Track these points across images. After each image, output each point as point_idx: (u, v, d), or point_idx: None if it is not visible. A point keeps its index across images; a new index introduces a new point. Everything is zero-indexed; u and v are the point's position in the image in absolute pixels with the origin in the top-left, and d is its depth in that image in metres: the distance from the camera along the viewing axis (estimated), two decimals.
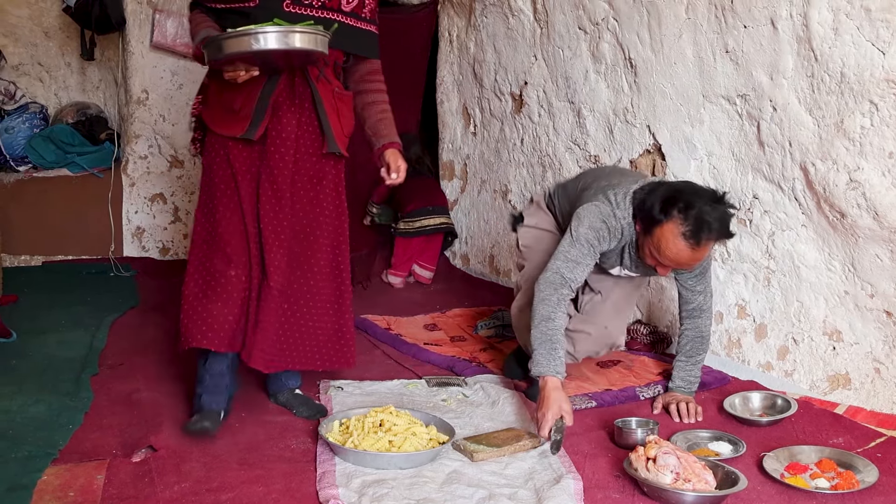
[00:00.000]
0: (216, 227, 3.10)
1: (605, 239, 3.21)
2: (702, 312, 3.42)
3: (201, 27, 2.97)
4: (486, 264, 5.92)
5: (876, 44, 3.06)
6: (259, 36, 2.71)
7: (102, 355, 4.00)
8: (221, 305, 3.04)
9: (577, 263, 3.21)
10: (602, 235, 3.19)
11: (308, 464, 2.86)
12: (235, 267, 3.07)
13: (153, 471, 2.77)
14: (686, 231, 2.95)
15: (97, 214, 6.15)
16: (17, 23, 6.62)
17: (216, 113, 3.11)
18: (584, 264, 3.22)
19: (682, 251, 2.99)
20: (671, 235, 2.98)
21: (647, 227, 3.08)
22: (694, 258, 3.04)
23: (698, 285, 3.38)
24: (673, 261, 3.05)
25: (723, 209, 3.00)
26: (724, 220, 3.00)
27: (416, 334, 4.53)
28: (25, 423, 3.18)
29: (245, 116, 3.02)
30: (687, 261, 3.04)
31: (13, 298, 4.95)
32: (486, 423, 3.24)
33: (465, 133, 6.14)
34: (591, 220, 3.19)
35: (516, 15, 5.24)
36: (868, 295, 3.32)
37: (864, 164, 3.17)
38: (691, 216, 2.95)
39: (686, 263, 3.08)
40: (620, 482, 2.74)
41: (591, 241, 3.19)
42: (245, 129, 3.02)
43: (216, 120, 3.11)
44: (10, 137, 6.17)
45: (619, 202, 3.20)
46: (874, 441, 3.03)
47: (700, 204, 2.96)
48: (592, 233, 3.18)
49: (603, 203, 3.20)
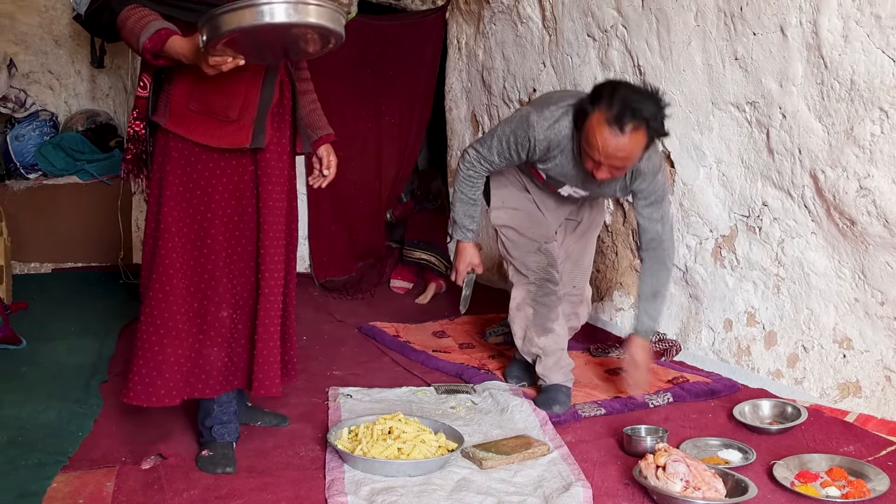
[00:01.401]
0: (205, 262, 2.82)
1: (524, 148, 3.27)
2: (660, 243, 3.41)
3: (149, 19, 2.61)
4: (495, 271, 5.91)
5: (886, 51, 3.05)
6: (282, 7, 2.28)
7: (112, 362, 4.01)
8: (218, 350, 2.86)
9: (490, 151, 3.39)
10: (523, 143, 3.26)
11: (317, 471, 2.86)
12: (228, 308, 2.86)
13: (162, 478, 2.77)
14: (610, 116, 2.92)
15: (106, 222, 6.16)
16: (28, 31, 6.66)
17: (199, 126, 2.74)
18: (503, 157, 3.38)
19: (608, 139, 2.95)
20: (597, 124, 2.96)
21: (579, 124, 3.09)
22: (620, 147, 2.96)
23: (655, 213, 3.36)
24: (601, 152, 2.98)
25: (653, 102, 2.97)
26: (652, 111, 2.96)
27: (425, 341, 4.53)
28: (35, 430, 3.19)
29: (245, 125, 2.74)
30: (614, 150, 2.97)
31: (23, 305, 4.97)
32: (494, 431, 3.23)
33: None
34: (517, 126, 3.27)
35: (525, 22, 5.25)
36: (878, 302, 3.31)
37: (874, 172, 3.16)
38: (616, 101, 2.93)
39: (614, 155, 2.98)
40: (630, 490, 2.73)
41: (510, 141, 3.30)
42: (249, 137, 2.73)
43: (203, 132, 2.74)
44: (20, 145, 6.20)
45: (557, 116, 3.21)
46: (885, 449, 3.01)
47: (627, 92, 2.97)
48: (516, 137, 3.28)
49: (535, 113, 3.24)
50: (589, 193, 3.46)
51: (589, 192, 3.44)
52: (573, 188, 3.42)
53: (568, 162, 3.27)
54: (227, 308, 2.87)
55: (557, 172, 3.34)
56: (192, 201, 2.79)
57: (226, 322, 2.87)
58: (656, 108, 2.97)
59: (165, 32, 2.58)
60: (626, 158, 3.02)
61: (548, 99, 3.34)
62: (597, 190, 3.40)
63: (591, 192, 3.45)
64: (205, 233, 2.80)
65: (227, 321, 2.87)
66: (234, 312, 2.89)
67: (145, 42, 2.58)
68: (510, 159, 3.37)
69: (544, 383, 3.57)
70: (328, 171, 3.12)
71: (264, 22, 2.28)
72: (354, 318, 5.04)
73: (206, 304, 2.84)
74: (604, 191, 3.42)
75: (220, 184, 2.80)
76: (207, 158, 2.77)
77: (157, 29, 2.58)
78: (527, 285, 3.60)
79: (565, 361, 3.59)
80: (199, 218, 2.80)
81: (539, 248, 3.59)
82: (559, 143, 3.22)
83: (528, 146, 3.25)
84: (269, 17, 2.28)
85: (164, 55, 2.60)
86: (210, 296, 2.83)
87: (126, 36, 2.69)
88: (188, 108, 2.74)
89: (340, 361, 4.15)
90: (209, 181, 2.78)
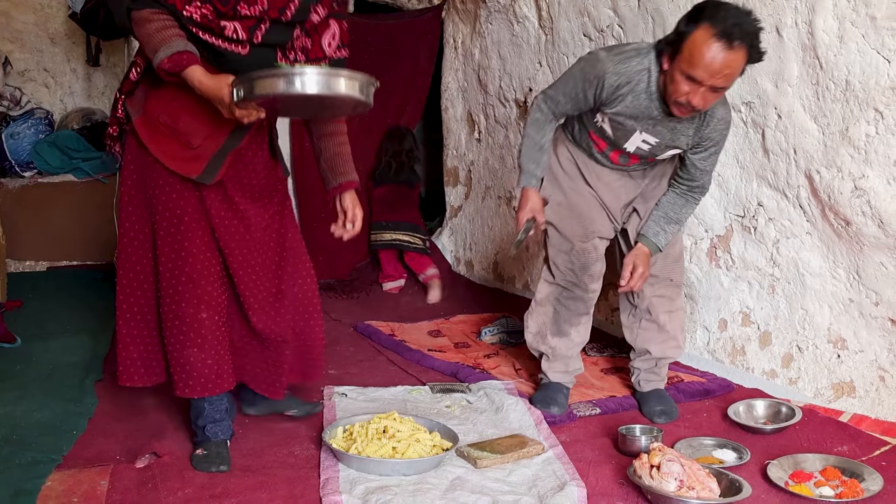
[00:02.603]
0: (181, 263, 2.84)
1: (592, 88, 3.12)
2: (702, 189, 3.35)
3: (171, 34, 2.58)
4: (490, 271, 5.91)
5: (881, 52, 3.06)
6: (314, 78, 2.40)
7: (106, 361, 4.01)
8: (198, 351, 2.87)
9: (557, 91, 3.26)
10: (592, 82, 3.11)
11: (311, 470, 2.86)
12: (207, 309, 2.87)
13: (157, 477, 2.77)
14: (718, 31, 2.77)
15: (102, 220, 6.14)
16: (23, 29, 6.66)
17: (161, 139, 2.76)
18: (570, 98, 3.22)
19: (716, 55, 2.79)
20: (702, 41, 2.79)
21: (675, 48, 2.89)
22: (728, 63, 2.82)
23: (710, 163, 3.28)
24: (707, 69, 2.82)
25: (753, 21, 2.86)
26: (756, 30, 2.85)
27: (420, 340, 4.53)
28: (30, 428, 3.18)
29: (200, 157, 2.74)
30: (721, 66, 2.82)
31: (18, 304, 4.96)
32: (489, 430, 3.23)
33: (469, 139, 6.14)
34: (586, 66, 3.16)
35: (521, 22, 5.25)
36: (873, 303, 3.31)
37: (869, 172, 3.17)
38: (720, 18, 2.79)
39: (720, 71, 2.83)
40: (624, 490, 2.74)
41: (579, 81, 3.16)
42: (201, 170, 2.74)
43: (160, 147, 2.76)
44: (15, 143, 6.19)
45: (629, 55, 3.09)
46: (879, 449, 3.02)
47: (732, 9, 2.84)
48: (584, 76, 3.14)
49: (605, 52, 3.14)
50: (659, 141, 3.21)
51: (659, 140, 3.21)
52: (643, 134, 3.20)
53: (640, 101, 3.09)
54: (207, 310, 2.87)
55: (627, 114, 3.14)
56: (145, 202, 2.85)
57: (205, 323, 2.87)
58: (756, 26, 2.86)
59: (188, 58, 2.58)
60: (730, 76, 2.88)
61: (616, 45, 3.28)
62: (668, 136, 3.19)
63: (661, 140, 3.21)
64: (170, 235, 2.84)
65: (208, 323, 2.87)
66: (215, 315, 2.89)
67: (163, 61, 2.56)
68: (576, 100, 3.20)
69: (544, 379, 3.55)
70: (352, 224, 3.09)
71: (296, 92, 2.39)
72: (350, 317, 5.03)
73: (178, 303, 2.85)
74: (676, 137, 3.20)
75: (164, 196, 2.81)
76: (158, 173, 2.79)
77: (178, 50, 2.56)
78: (552, 284, 3.49)
79: (573, 367, 3.55)
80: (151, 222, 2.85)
81: (572, 249, 3.41)
82: (630, 79, 3.06)
83: (597, 84, 3.09)
84: (300, 88, 2.38)
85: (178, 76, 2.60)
86: (187, 297, 2.84)
87: (141, 38, 2.64)
88: (158, 118, 2.75)
89: (336, 360, 4.15)
90: (155, 191, 2.81)
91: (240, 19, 2.62)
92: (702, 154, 3.25)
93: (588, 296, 3.45)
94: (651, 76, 3.04)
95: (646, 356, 3.49)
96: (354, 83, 2.46)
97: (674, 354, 3.52)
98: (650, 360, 3.48)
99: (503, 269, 5.77)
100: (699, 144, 3.21)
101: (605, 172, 3.40)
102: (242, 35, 2.63)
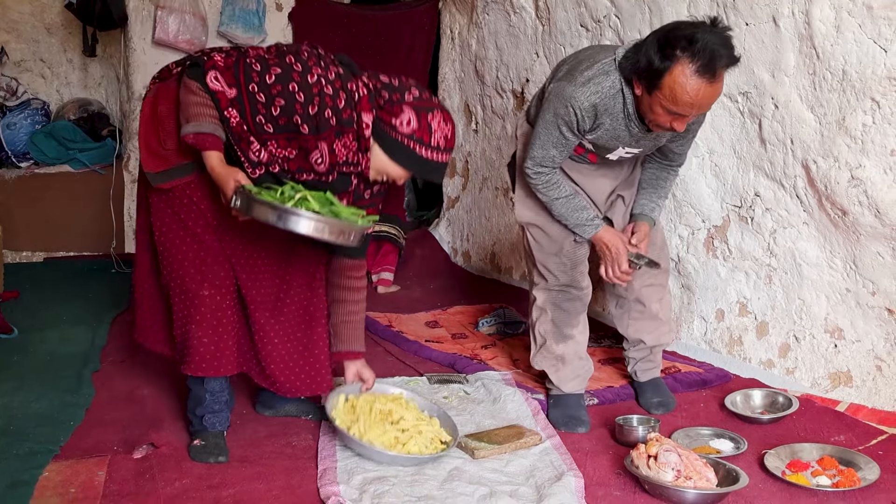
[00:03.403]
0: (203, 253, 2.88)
1: (573, 122, 2.97)
2: (680, 164, 3.33)
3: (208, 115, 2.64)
4: (488, 262, 5.91)
5: (878, 41, 3.06)
6: (304, 221, 2.50)
7: (104, 351, 4.01)
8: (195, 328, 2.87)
9: (545, 148, 3.08)
10: (570, 119, 2.97)
11: (309, 461, 2.86)
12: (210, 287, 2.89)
13: (154, 467, 2.77)
14: (699, 67, 2.65)
15: (99, 211, 6.14)
16: (19, 19, 6.63)
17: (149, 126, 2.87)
18: (560, 146, 3.07)
19: (700, 90, 2.69)
20: (683, 77, 2.67)
21: (651, 83, 2.76)
22: (713, 94, 2.74)
23: (686, 147, 3.26)
24: (691, 104, 2.73)
25: (722, 32, 2.73)
26: (728, 44, 2.70)
27: (418, 331, 4.53)
28: (27, 419, 3.19)
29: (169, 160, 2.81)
30: (706, 99, 2.74)
31: (15, 294, 4.96)
32: (487, 421, 3.24)
33: (466, 130, 6.13)
34: (556, 106, 2.97)
35: (518, 12, 5.24)
36: (869, 292, 3.32)
37: (865, 162, 3.17)
38: (698, 49, 2.65)
39: (705, 103, 2.77)
40: (621, 479, 2.74)
41: (558, 125, 3.00)
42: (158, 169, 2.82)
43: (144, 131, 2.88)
44: (11, 133, 6.18)
45: (595, 77, 2.91)
46: (875, 438, 3.03)
47: (701, 34, 2.69)
48: (559, 119, 2.98)
49: (568, 84, 2.94)
50: (641, 150, 3.18)
51: (642, 149, 3.17)
52: (625, 149, 3.14)
53: (618, 123, 2.98)
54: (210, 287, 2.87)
55: (608, 138, 3.04)
56: None
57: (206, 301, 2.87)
58: (728, 39, 2.73)
59: (211, 142, 2.65)
60: (714, 101, 2.82)
61: (572, 68, 3.03)
62: (651, 143, 3.14)
63: (644, 148, 3.15)
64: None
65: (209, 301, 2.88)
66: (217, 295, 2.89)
67: (189, 135, 2.64)
68: (567, 143, 3.05)
69: (558, 393, 3.40)
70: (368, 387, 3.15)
71: (285, 227, 2.50)
72: None
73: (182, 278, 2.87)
74: (659, 141, 3.14)
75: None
76: None
77: (206, 132, 2.63)
78: (547, 290, 3.37)
79: (584, 369, 3.41)
80: None
81: (561, 249, 3.30)
82: (606, 105, 2.93)
83: (576, 120, 2.95)
84: (291, 226, 2.49)
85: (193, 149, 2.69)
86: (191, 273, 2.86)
87: (181, 101, 2.70)
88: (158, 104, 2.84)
89: None
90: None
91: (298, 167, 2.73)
92: (681, 142, 3.21)
93: (583, 293, 3.37)
94: (626, 99, 2.92)
95: (640, 346, 3.47)
96: (345, 233, 2.58)
97: (668, 340, 3.51)
98: (644, 349, 3.47)
99: (500, 260, 5.77)
100: (679, 136, 3.15)
101: (584, 167, 3.30)
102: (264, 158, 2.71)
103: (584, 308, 3.39)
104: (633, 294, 3.42)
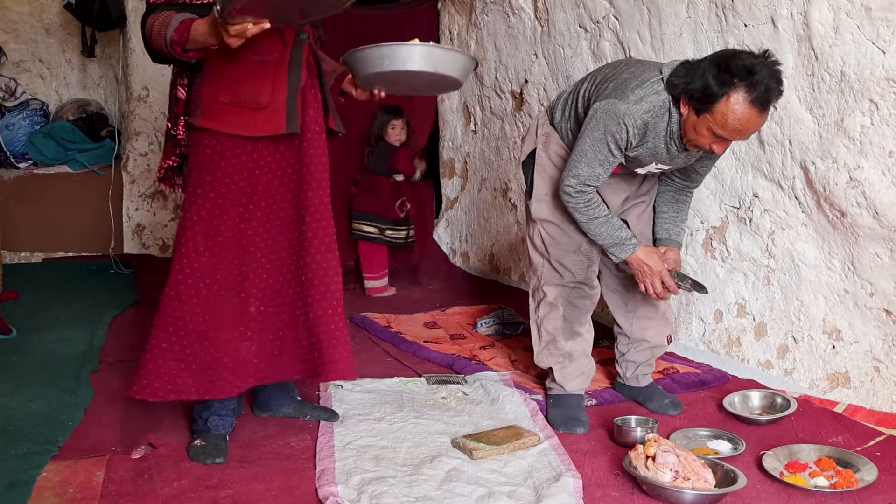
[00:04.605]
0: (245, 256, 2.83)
1: (623, 140, 2.99)
2: (697, 186, 3.38)
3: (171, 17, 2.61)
4: (486, 262, 5.92)
5: (876, 42, 3.06)
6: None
7: (102, 352, 4.01)
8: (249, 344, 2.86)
9: (591, 166, 3.05)
10: (621, 136, 2.98)
11: (307, 461, 2.86)
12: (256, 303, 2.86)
13: (152, 468, 2.77)
14: (754, 98, 2.75)
15: (97, 211, 6.15)
16: (18, 19, 6.64)
17: (232, 117, 2.76)
18: (606, 164, 3.06)
19: (750, 119, 2.79)
20: (739, 106, 2.77)
21: (702, 105, 2.83)
22: (758, 125, 2.86)
23: (709, 168, 3.31)
24: (738, 130, 2.83)
25: (773, 66, 2.82)
26: (780, 80, 2.82)
27: (416, 332, 4.53)
28: (25, 419, 3.18)
29: (277, 110, 2.76)
30: (752, 128, 2.85)
31: (13, 295, 4.96)
32: (485, 421, 3.24)
33: (465, 131, 6.14)
34: (607, 123, 2.97)
35: (517, 13, 5.24)
36: (868, 294, 3.32)
37: (864, 163, 3.17)
38: (757, 81, 2.75)
39: (749, 132, 2.87)
40: (620, 480, 2.74)
41: (608, 143, 3.00)
42: (283, 123, 2.76)
43: (235, 122, 2.76)
44: (10, 134, 6.19)
45: (648, 96, 2.95)
46: (873, 440, 3.03)
47: (759, 67, 2.78)
48: (609, 136, 2.99)
49: (620, 101, 2.96)
50: (671, 167, 3.19)
51: (672, 165, 3.20)
52: (657, 165, 3.15)
53: (660, 140, 3.02)
54: (256, 303, 2.86)
55: (647, 154, 3.07)
56: (229, 197, 2.80)
57: (255, 317, 2.86)
58: (779, 73, 2.82)
59: (189, 20, 2.58)
60: (754, 133, 2.95)
61: (619, 86, 3.02)
62: (682, 161, 3.16)
63: (674, 165, 3.18)
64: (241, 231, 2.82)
65: (257, 316, 2.86)
66: (263, 307, 2.88)
67: (172, 36, 2.58)
68: (612, 161, 3.06)
69: (558, 392, 3.40)
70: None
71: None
72: (346, 309, 5.01)
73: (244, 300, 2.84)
74: (689, 160, 3.17)
75: (261, 174, 2.81)
76: (241, 152, 2.79)
77: (179, 21, 2.58)
78: (561, 286, 3.35)
79: (588, 368, 3.43)
80: (233, 214, 2.81)
81: (580, 247, 3.30)
82: (655, 123, 2.97)
83: (626, 137, 2.97)
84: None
85: (192, 46, 2.60)
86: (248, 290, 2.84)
87: (156, 42, 2.67)
88: (218, 100, 2.76)
89: None
90: (245, 174, 2.80)
91: None
92: (707, 163, 3.26)
93: (594, 293, 3.39)
94: (672, 118, 2.96)
95: (642, 346, 3.47)
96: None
97: (668, 338, 3.54)
98: (646, 350, 3.46)
99: (499, 261, 5.77)
100: (708, 158, 3.22)
101: None
102: None
103: (593, 307, 3.40)
104: (639, 294, 3.41)
